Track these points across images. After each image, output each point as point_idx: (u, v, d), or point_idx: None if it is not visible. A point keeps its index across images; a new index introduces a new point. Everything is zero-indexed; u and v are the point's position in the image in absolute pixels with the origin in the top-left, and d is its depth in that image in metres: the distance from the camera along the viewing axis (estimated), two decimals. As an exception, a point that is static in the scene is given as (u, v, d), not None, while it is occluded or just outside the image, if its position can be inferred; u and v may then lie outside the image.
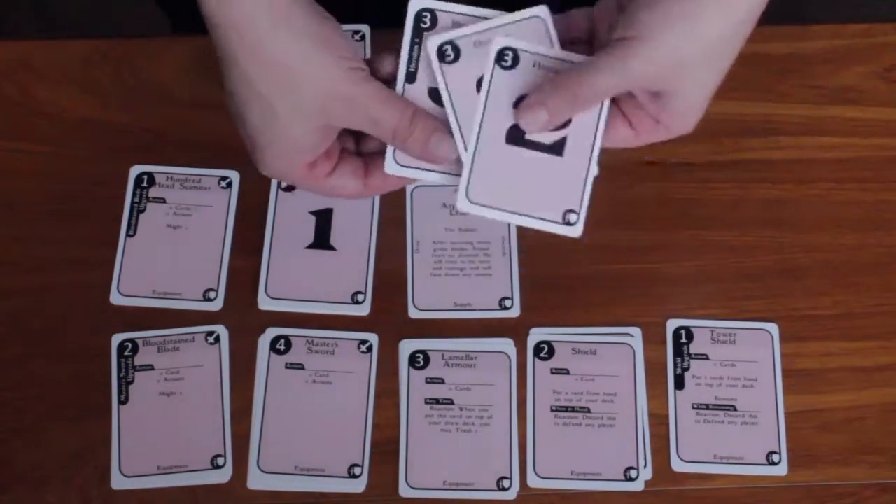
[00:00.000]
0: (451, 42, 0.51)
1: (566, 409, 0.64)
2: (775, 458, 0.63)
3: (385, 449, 0.63)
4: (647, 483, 0.63)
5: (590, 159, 0.52)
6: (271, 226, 0.68)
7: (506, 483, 0.62)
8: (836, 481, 0.63)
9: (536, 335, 0.66)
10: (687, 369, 0.65)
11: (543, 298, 0.67)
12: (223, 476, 0.62)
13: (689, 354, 0.65)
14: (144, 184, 0.69)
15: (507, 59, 0.51)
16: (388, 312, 0.66)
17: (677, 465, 0.63)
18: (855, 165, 0.71)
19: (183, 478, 0.62)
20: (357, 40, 0.73)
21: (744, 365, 0.65)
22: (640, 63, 0.48)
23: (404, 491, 0.62)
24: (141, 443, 0.63)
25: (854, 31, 0.74)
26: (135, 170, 0.69)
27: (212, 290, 0.66)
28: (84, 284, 0.67)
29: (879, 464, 0.64)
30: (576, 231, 0.52)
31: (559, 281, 0.67)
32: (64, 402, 0.64)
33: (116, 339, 0.65)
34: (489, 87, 0.51)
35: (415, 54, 0.52)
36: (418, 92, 0.52)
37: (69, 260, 0.67)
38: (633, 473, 0.63)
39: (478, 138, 0.51)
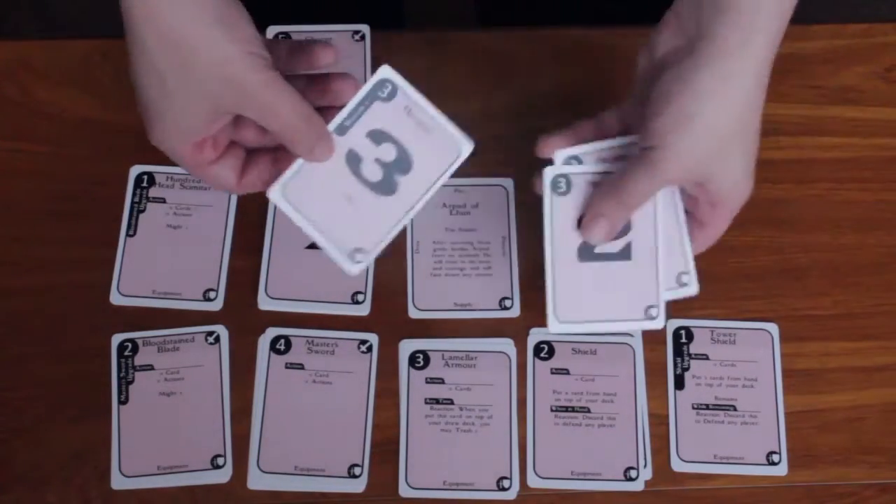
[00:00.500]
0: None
1: (566, 409, 0.64)
2: (775, 458, 0.63)
3: (385, 449, 0.63)
4: (647, 483, 0.63)
5: (656, 254, 0.55)
6: (271, 226, 0.68)
7: (506, 483, 0.62)
8: (836, 481, 0.63)
9: (536, 335, 0.66)
10: (687, 369, 0.65)
11: (544, 298, 0.67)
12: (223, 476, 0.62)
13: (689, 354, 0.65)
14: (144, 184, 0.69)
15: (561, 185, 0.54)
16: (388, 312, 0.66)
17: (677, 465, 0.63)
18: (855, 165, 0.71)
19: (183, 478, 0.62)
20: (357, 40, 0.73)
21: (744, 365, 0.65)
22: (668, 168, 0.51)
23: (404, 491, 0.62)
24: (141, 443, 0.63)
25: (854, 31, 0.74)
26: (135, 170, 0.69)
27: (212, 290, 0.66)
28: (84, 284, 0.67)
29: (879, 464, 0.64)
30: (658, 324, 0.55)
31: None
32: (64, 402, 0.64)
33: (116, 339, 0.65)
34: (551, 214, 0.55)
35: (358, 112, 0.53)
36: (340, 145, 0.53)
37: (69, 260, 0.67)
38: (633, 473, 0.63)
39: (552, 262, 0.55)
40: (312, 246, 0.67)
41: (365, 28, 0.73)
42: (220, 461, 0.63)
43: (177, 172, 0.69)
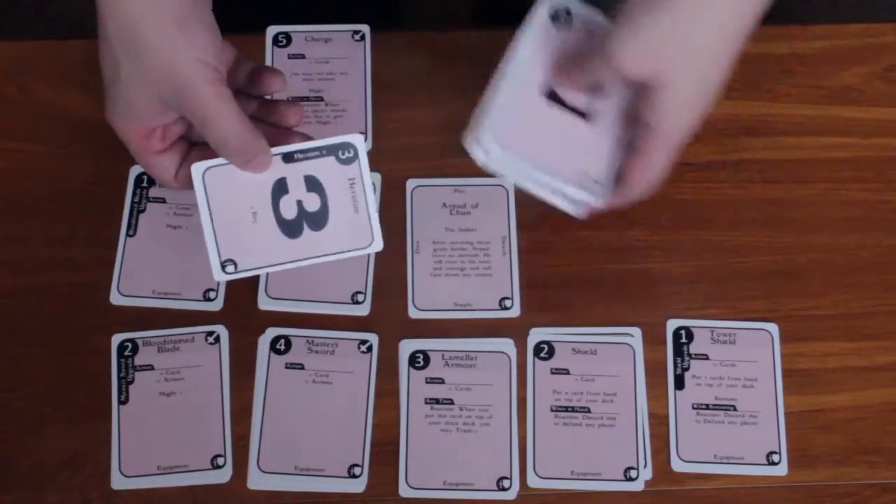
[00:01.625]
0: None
1: (566, 409, 0.64)
2: (775, 458, 0.63)
3: (385, 449, 0.63)
4: (647, 483, 0.63)
5: (613, 131, 0.53)
6: (271, 226, 0.68)
7: (506, 483, 0.62)
8: (836, 481, 0.63)
9: (536, 335, 0.66)
10: (687, 369, 0.65)
11: (543, 298, 0.67)
12: (223, 476, 0.62)
13: (689, 354, 0.65)
14: (144, 184, 0.69)
15: (560, 17, 0.54)
16: (388, 312, 0.66)
17: (677, 465, 0.63)
18: (855, 165, 0.71)
19: (183, 478, 0.62)
20: (357, 40, 0.73)
21: (744, 365, 0.65)
22: (622, 47, 0.51)
23: (404, 491, 0.62)
24: (141, 443, 0.63)
25: (854, 31, 0.74)
26: (135, 170, 0.69)
27: (212, 290, 0.66)
28: (84, 284, 0.67)
29: (879, 464, 0.64)
30: (596, 197, 0.54)
31: (559, 281, 0.67)
32: (64, 402, 0.64)
33: (116, 339, 0.65)
34: (536, 41, 0.54)
35: (311, 154, 0.53)
36: (276, 168, 0.53)
37: (69, 260, 0.67)
38: (633, 473, 0.63)
39: (514, 86, 0.53)
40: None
41: (365, 28, 0.73)
42: (220, 461, 0.63)
43: (177, 172, 0.69)
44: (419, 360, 0.65)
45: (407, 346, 0.65)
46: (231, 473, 0.63)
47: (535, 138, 0.52)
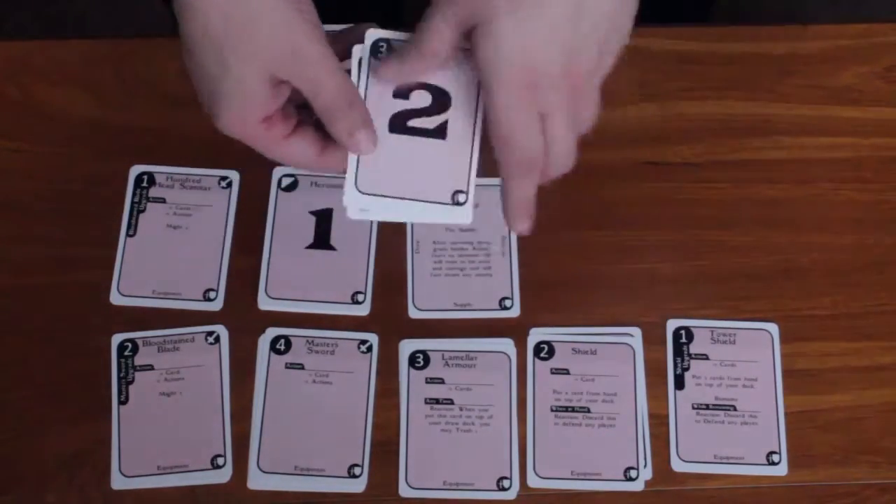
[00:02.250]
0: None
1: (566, 409, 0.64)
2: (775, 458, 0.63)
3: (385, 449, 0.63)
4: (647, 483, 0.63)
5: (473, 139, 0.51)
6: (271, 226, 0.68)
7: (506, 483, 0.62)
8: (836, 481, 0.63)
9: (536, 335, 0.66)
10: (687, 369, 0.65)
11: (543, 298, 0.67)
12: (223, 476, 0.62)
13: (689, 354, 0.65)
14: (144, 184, 0.69)
15: (381, 49, 0.51)
16: (388, 312, 0.66)
17: (677, 465, 0.63)
18: (855, 165, 0.71)
19: (183, 478, 0.62)
20: (357, 40, 0.73)
21: (744, 365, 0.65)
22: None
23: (404, 491, 0.62)
24: (141, 443, 0.63)
25: (854, 31, 0.74)
26: (135, 170, 0.69)
27: (212, 290, 0.66)
28: (84, 284, 0.67)
29: (879, 464, 0.64)
30: (466, 213, 0.51)
31: (559, 281, 0.67)
32: (64, 402, 0.64)
33: (116, 339, 0.65)
34: (367, 78, 0.51)
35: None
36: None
37: (69, 260, 0.67)
38: (633, 473, 0.63)
39: None
40: (312, 246, 0.68)
41: (365, 28, 0.73)
42: (220, 461, 0.63)
43: (177, 172, 0.69)
44: (419, 360, 0.65)
45: (407, 346, 0.65)
46: (231, 473, 0.63)
47: (400, 174, 0.51)
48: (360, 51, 0.52)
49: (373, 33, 0.52)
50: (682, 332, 0.66)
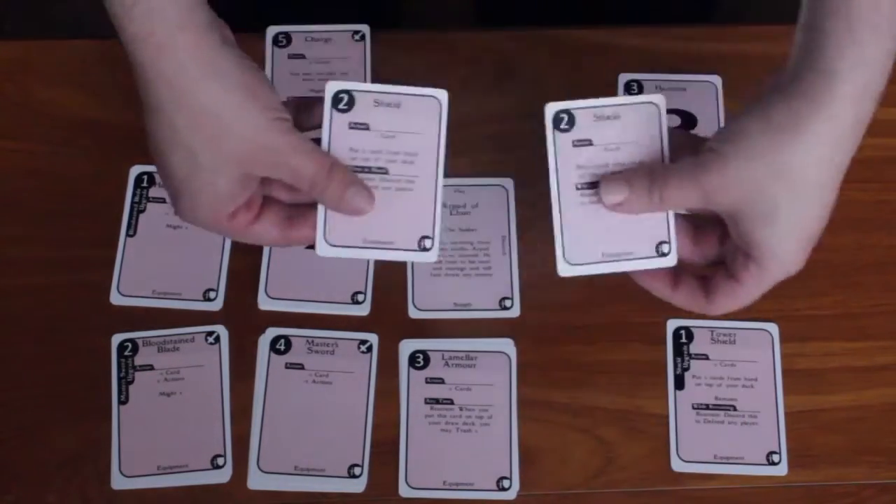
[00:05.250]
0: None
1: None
2: (775, 458, 0.63)
3: (385, 449, 0.63)
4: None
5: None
6: (271, 226, 0.68)
7: (506, 483, 0.62)
8: (836, 481, 0.63)
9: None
10: (687, 369, 0.65)
11: (543, 298, 0.67)
12: (223, 476, 0.62)
13: (689, 354, 0.65)
14: (144, 184, 0.69)
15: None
16: (388, 312, 0.66)
17: (677, 465, 0.63)
18: (855, 165, 0.70)
19: (183, 478, 0.62)
20: (357, 40, 0.73)
21: (743, 365, 0.65)
22: (712, 178, 0.48)
23: (404, 491, 0.62)
24: (141, 443, 0.63)
25: (854, 31, 0.74)
26: (135, 170, 0.69)
27: (212, 290, 0.66)
28: (84, 284, 0.67)
29: (879, 464, 0.64)
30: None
31: (559, 281, 0.67)
32: (64, 402, 0.64)
33: (116, 339, 0.65)
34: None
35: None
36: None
37: (69, 260, 0.67)
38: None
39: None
40: (312, 246, 0.67)
41: (365, 28, 0.73)
42: (220, 461, 0.63)
43: (177, 172, 0.69)
44: (419, 360, 0.65)
45: (407, 346, 0.65)
46: (231, 473, 0.63)
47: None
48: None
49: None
50: (682, 332, 0.66)
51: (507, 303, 0.66)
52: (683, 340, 0.66)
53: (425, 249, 0.53)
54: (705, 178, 0.48)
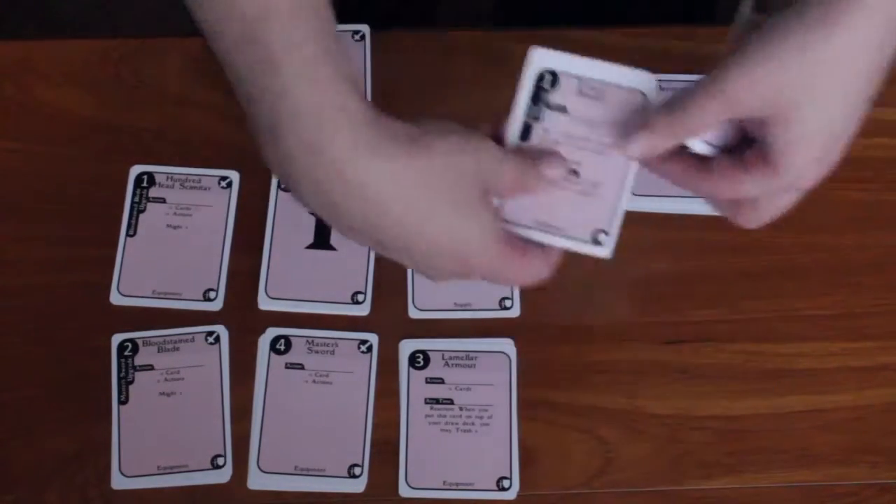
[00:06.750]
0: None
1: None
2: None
3: (385, 449, 0.63)
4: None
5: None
6: (271, 226, 0.68)
7: (506, 483, 0.62)
8: (836, 481, 0.63)
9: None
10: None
11: (543, 298, 0.67)
12: (223, 476, 0.62)
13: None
14: (144, 184, 0.69)
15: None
16: (388, 312, 0.66)
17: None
18: (855, 165, 0.70)
19: (183, 478, 0.62)
20: (357, 40, 0.73)
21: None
22: (732, 79, 0.45)
23: (404, 491, 0.62)
24: (141, 443, 0.63)
25: (854, 31, 0.74)
26: (135, 170, 0.69)
27: (212, 290, 0.66)
28: (84, 284, 0.67)
29: (879, 464, 0.64)
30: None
31: (559, 281, 0.67)
32: (64, 402, 0.64)
33: (116, 339, 0.65)
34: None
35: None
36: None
37: (69, 260, 0.67)
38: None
39: None
40: (312, 246, 0.68)
41: (365, 28, 0.73)
42: (220, 461, 0.63)
43: (177, 172, 0.69)
44: (419, 360, 0.65)
45: (407, 346, 0.65)
46: (231, 473, 0.63)
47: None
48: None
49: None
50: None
51: (507, 303, 0.66)
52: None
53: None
54: (728, 85, 0.45)
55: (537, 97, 0.50)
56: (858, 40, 0.45)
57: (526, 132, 0.51)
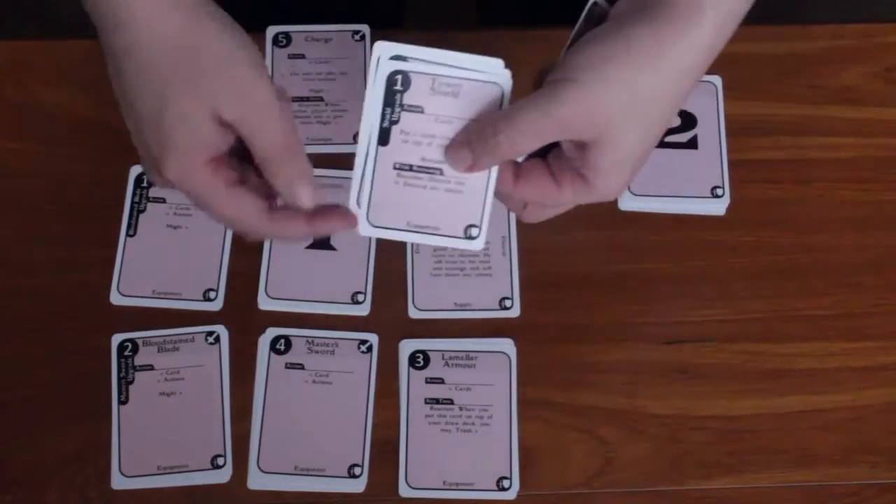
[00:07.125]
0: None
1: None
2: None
3: (385, 449, 0.63)
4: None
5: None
6: (271, 226, 0.68)
7: (506, 483, 0.62)
8: (836, 481, 0.63)
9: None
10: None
11: (543, 298, 0.67)
12: (223, 476, 0.62)
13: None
14: (144, 184, 0.69)
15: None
16: (388, 312, 0.66)
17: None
18: (855, 165, 0.71)
19: (183, 478, 0.62)
20: (357, 40, 0.73)
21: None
22: (566, 104, 0.46)
23: (404, 491, 0.62)
24: (141, 443, 0.63)
25: (854, 31, 0.74)
26: (135, 170, 0.69)
27: (212, 290, 0.66)
28: (84, 284, 0.67)
29: (879, 464, 0.64)
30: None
31: (559, 281, 0.67)
32: (64, 402, 0.64)
33: (116, 339, 0.65)
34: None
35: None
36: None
37: (69, 260, 0.67)
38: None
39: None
40: (312, 246, 0.68)
41: (365, 28, 0.73)
42: (220, 461, 0.63)
43: (177, 172, 0.69)
44: (419, 360, 0.65)
45: (407, 346, 0.65)
46: (231, 473, 0.63)
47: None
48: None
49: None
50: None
51: (507, 303, 0.66)
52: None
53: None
54: (561, 110, 0.46)
55: (391, 100, 0.49)
56: (683, 71, 0.46)
57: (384, 137, 0.49)
